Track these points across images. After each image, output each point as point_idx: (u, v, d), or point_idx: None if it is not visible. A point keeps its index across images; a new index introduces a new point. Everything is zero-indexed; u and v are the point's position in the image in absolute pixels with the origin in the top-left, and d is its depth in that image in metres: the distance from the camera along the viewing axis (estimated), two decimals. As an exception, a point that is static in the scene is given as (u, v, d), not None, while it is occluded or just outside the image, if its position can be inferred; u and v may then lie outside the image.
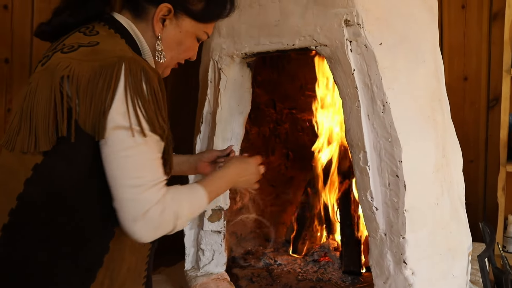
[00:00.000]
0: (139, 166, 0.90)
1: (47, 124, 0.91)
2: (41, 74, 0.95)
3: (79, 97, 0.89)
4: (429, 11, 1.61)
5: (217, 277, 1.73)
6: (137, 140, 0.89)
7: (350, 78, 1.37)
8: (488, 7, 2.21)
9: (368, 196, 1.39)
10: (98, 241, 0.96)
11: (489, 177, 2.24)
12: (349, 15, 1.35)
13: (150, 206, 0.90)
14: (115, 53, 0.92)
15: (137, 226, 0.90)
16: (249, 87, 1.74)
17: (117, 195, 0.90)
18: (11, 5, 1.89)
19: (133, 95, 0.89)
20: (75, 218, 0.93)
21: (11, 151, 0.96)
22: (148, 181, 0.91)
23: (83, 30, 1.00)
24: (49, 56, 0.98)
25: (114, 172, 0.89)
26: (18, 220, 0.93)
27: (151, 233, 0.93)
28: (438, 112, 1.52)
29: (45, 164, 0.92)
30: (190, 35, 1.10)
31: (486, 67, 2.23)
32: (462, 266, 1.55)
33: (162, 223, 0.93)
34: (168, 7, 1.04)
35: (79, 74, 0.89)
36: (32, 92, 0.94)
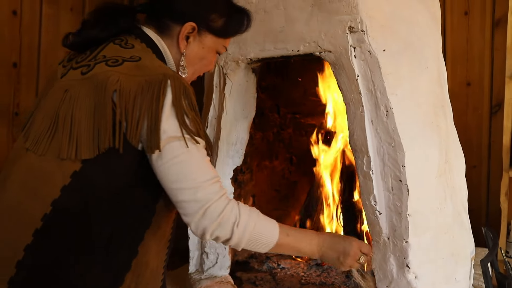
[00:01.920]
0: (193, 170, 0.97)
1: (92, 133, 0.94)
2: (83, 83, 0.97)
3: (127, 111, 0.93)
4: (432, 18, 1.63)
5: (221, 280, 1.74)
6: (189, 147, 0.96)
7: (354, 83, 1.39)
8: (491, 13, 2.22)
9: (371, 200, 1.40)
10: (128, 246, 0.99)
11: (492, 183, 2.24)
12: (353, 22, 1.37)
13: (211, 203, 0.97)
14: (157, 69, 0.98)
15: (200, 222, 0.97)
16: (254, 92, 1.76)
17: (177, 198, 0.97)
18: (20, 11, 1.92)
19: (179, 108, 0.95)
20: (109, 225, 0.97)
21: (41, 155, 0.96)
22: (204, 181, 0.97)
23: (118, 42, 1.05)
24: (91, 65, 1.00)
25: (171, 178, 0.96)
26: (51, 225, 0.94)
27: (213, 230, 0.98)
28: (441, 118, 1.54)
29: (84, 172, 0.95)
30: (211, 50, 1.18)
31: (489, 73, 2.24)
32: (465, 271, 1.55)
33: (222, 221, 0.97)
34: (193, 25, 1.12)
35: (127, 89, 0.94)
36: (73, 99, 0.96)
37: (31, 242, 0.93)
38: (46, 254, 0.94)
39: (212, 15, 1.15)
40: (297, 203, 2.25)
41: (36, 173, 0.98)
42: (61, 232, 0.94)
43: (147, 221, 1.01)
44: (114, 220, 0.97)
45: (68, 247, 0.94)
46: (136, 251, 1.00)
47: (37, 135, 0.99)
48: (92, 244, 0.95)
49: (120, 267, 0.99)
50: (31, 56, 1.96)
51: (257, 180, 2.12)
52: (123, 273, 0.99)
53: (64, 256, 0.94)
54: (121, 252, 0.99)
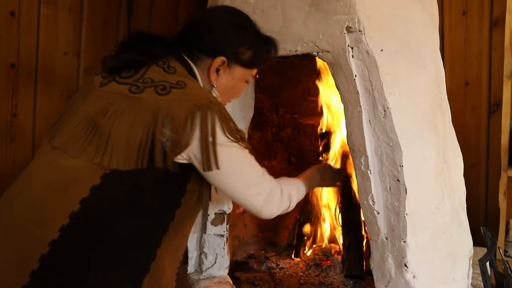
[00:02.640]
0: (250, 170, 1.16)
1: (132, 148, 0.99)
2: (131, 101, 1.03)
3: (177, 132, 1.01)
4: (430, 18, 1.63)
5: (219, 280, 1.74)
6: (241, 153, 1.11)
7: (351, 83, 1.39)
8: (488, 13, 2.23)
9: (369, 200, 1.40)
10: (147, 249, 1.04)
11: (491, 182, 2.25)
12: (351, 21, 1.37)
13: (272, 191, 1.21)
14: (201, 95, 1.07)
15: (267, 210, 1.21)
16: (252, 92, 1.76)
17: (241, 199, 1.18)
18: (18, 11, 1.92)
19: (226, 127, 1.06)
20: (131, 226, 1.01)
21: (73, 157, 1.01)
22: (260, 175, 1.18)
23: (161, 65, 1.12)
24: (140, 87, 1.05)
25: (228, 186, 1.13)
26: (78, 223, 0.97)
27: (277, 211, 1.24)
28: (439, 118, 1.54)
29: (114, 175, 1.00)
30: (241, 80, 1.27)
31: (487, 73, 2.25)
32: (463, 270, 1.56)
33: (282, 204, 1.25)
34: (223, 59, 1.19)
35: (178, 113, 1.01)
36: (117, 114, 1.02)
37: (57, 238, 0.95)
38: (70, 250, 0.96)
39: (241, 49, 1.21)
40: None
41: (64, 172, 1.02)
42: (86, 229, 0.98)
43: (165, 227, 1.06)
44: (136, 222, 1.02)
45: (91, 244, 0.97)
46: (154, 254, 1.05)
47: (70, 137, 1.04)
48: (115, 244, 0.99)
49: (139, 270, 1.03)
50: (29, 57, 1.96)
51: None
52: (142, 276, 1.03)
53: (88, 253, 0.97)
54: (141, 254, 1.03)
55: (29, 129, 1.99)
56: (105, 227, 0.98)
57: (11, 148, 1.94)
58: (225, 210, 1.77)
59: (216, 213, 1.76)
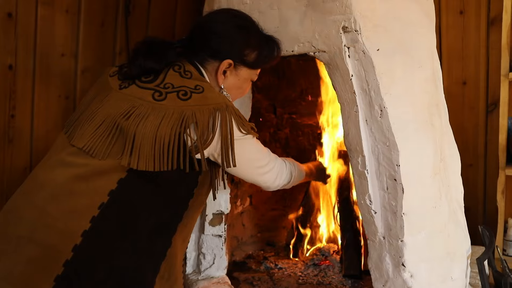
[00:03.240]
0: (261, 154, 1.31)
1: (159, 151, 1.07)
2: (155, 107, 1.10)
3: (203, 133, 1.10)
4: (426, 17, 1.63)
5: (218, 280, 1.74)
6: (253, 141, 1.24)
7: (348, 83, 1.39)
8: (485, 12, 2.23)
9: (366, 199, 1.40)
10: (166, 237, 1.15)
11: (489, 181, 2.24)
12: (347, 21, 1.37)
13: (279, 168, 1.39)
14: (219, 99, 1.16)
15: (277, 183, 1.41)
16: (249, 92, 1.77)
17: (257, 181, 1.35)
18: (15, 13, 1.91)
19: (240, 124, 1.17)
20: (153, 215, 1.11)
21: (98, 157, 1.07)
22: (267, 156, 1.34)
23: (177, 70, 1.20)
24: (162, 93, 1.13)
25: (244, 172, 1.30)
26: (107, 214, 1.05)
27: (283, 184, 1.44)
28: (436, 117, 1.54)
29: (139, 171, 1.07)
30: (246, 80, 1.34)
31: (484, 72, 2.25)
32: (461, 269, 1.56)
33: (287, 176, 1.44)
34: (230, 62, 1.26)
35: (202, 118, 1.11)
36: (141, 118, 1.09)
37: (88, 228, 1.02)
38: (102, 240, 1.04)
39: (246, 50, 1.28)
40: (294, 203, 2.25)
41: (91, 169, 1.07)
42: (114, 220, 1.05)
43: (180, 216, 1.17)
44: (156, 211, 1.11)
45: (118, 234, 1.06)
46: (170, 241, 1.16)
47: (93, 137, 1.09)
48: (140, 233, 1.08)
49: (158, 256, 1.13)
50: (26, 58, 1.95)
51: (254, 181, 2.12)
52: (160, 262, 1.14)
53: (117, 243, 1.05)
54: (160, 241, 1.13)
55: (27, 130, 1.98)
56: (132, 218, 1.07)
57: (8, 149, 1.93)
58: (223, 210, 1.77)
59: (214, 213, 1.76)
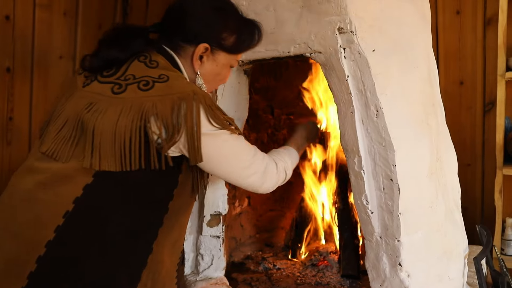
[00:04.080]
0: (243, 152, 1.16)
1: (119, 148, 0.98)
2: (113, 101, 1.02)
3: (166, 128, 1.00)
4: (422, 18, 1.64)
5: (216, 281, 1.74)
6: (231, 138, 1.10)
7: (344, 84, 1.40)
8: (482, 12, 2.24)
9: (363, 199, 1.41)
10: (144, 243, 1.04)
11: (486, 180, 2.25)
12: (342, 22, 1.37)
13: (267, 168, 1.22)
14: (186, 87, 1.05)
15: (266, 187, 1.24)
16: (246, 93, 1.77)
17: (238, 182, 1.18)
18: (12, 15, 1.92)
19: (211, 115, 1.05)
20: (126, 221, 1.01)
21: (63, 161, 1.01)
22: (253, 155, 1.18)
23: (143, 60, 1.09)
24: (122, 85, 1.04)
25: (223, 170, 1.14)
26: (73, 223, 0.97)
27: (274, 185, 1.28)
28: (432, 117, 1.54)
29: (106, 173, 0.99)
30: (225, 66, 1.24)
31: (481, 72, 2.26)
32: (458, 269, 1.56)
33: (279, 176, 1.28)
34: (206, 46, 1.16)
35: (163, 109, 1.00)
36: (98, 113, 1.01)
37: (53, 238, 0.96)
38: (66, 250, 0.97)
39: (224, 34, 1.18)
40: (292, 203, 2.25)
41: (56, 174, 1.01)
42: (81, 229, 0.98)
43: (159, 220, 1.06)
44: (131, 217, 1.02)
45: (87, 243, 0.97)
46: (151, 248, 1.05)
47: (56, 140, 1.03)
48: (110, 240, 0.99)
49: (137, 264, 1.03)
50: (24, 61, 1.96)
51: (252, 181, 2.12)
52: (139, 270, 1.03)
53: (84, 252, 0.97)
54: (137, 248, 1.03)
55: (25, 132, 1.99)
56: (100, 225, 0.98)
57: (7, 151, 1.94)
58: (220, 211, 1.77)
59: (211, 214, 1.76)
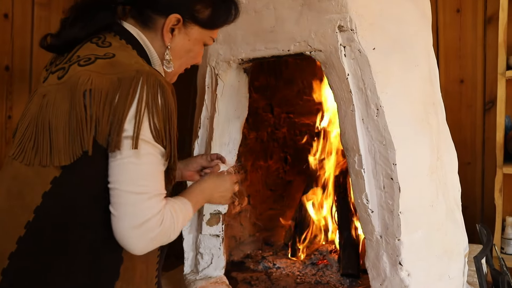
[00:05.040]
0: (145, 175, 0.92)
1: (68, 138, 0.91)
2: (58, 87, 0.95)
3: (99, 111, 0.89)
4: (422, 16, 1.63)
5: (216, 280, 1.74)
6: (145, 150, 0.91)
7: (344, 82, 1.39)
8: (482, 11, 2.23)
9: (363, 198, 1.40)
10: (111, 253, 0.96)
11: (486, 179, 2.25)
12: (343, 20, 1.37)
13: (151, 216, 0.91)
14: (132, 66, 0.94)
15: (135, 234, 0.90)
16: (246, 92, 1.76)
17: (119, 200, 0.90)
18: (11, 14, 1.92)
19: (148, 108, 0.91)
20: (89, 231, 0.93)
21: (26, 164, 0.95)
22: (152, 190, 0.92)
23: (95, 41, 1.01)
24: (65, 68, 0.96)
25: (119, 177, 0.90)
26: (34, 233, 0.92)
27: (147, 244, 0.93)
28: (432, 115, 1.54)
29: (63, 177, 0.92)
30: (198, 42, 1.12)
31: (481, 70, 2.25)
32: (458, 268, 1.56)
33: (159, 234, 0.93)
34: (177, 17, 1.06)
35: (99, 88, 0.90)
36: (50, 105, 0.93)
37: (15, 250, 0.91)
38: (29, 262, 0.91)
39: (198, 6, 1.08)
40: (293, 202, 2.25)
41: (20, 181, 0.96)
42: (44, 239, 0.92)
43: None
44: (93, 225, 0.93)
45: (50, 254, 0.92)
46: (121, 257, 0.97)
47: (22, 143, 0.97)
48: (74, 252, 0.92)
49: (108, 275, 0.96)
50: (23, 59, 1.96)
51: (251, 180, 2.12)
52: (112, 281, 0.96)
53: (47, 264, 0.91)
54: (106, 259, 0.95)
55: (24, 131, 1.98)
56: (62, 235, 0.92)
57: (6, 150, 1.93)
58: (220, 210, 1.77)
59: (211, 213, 1.76)
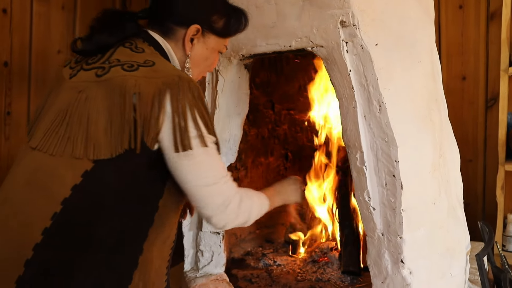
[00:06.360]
0: (214, 166, 1.04)
1: (110, 135, 0.97)
2: (99, 85, 1.00)
3: (146, 112, 0.97)
4: (425, 12, 1.62)
5: (216, 278, 1.73)
6: (208, 146, 1.02)
7: (346, 78, 1.38)
8: (485, 7, 2.22)
9: (365, 196, 1.39)
10: (134, 244, 1.02)
11: (488, 176, 2.24)
12: (345, 16, 1.35)
13: (230, 198, 1.06)
14: (172, 72, 1.03)
15: (221, 218, 1.06)
16: (246, 88, 1.75)
17: (198, 195, 1.03)
18: (10, 9, 1.90)
19: (196, 108, 1.01)
20: (116, 223, 0.98)
21: (53, 155, 0.98)
22: (222, 177, 1.05)
23: (128, 46, 1.09)
24: (105, 68, 1.03)
25: (192, 175, 1.01)
26: (61, 224, 0.95)
27: (232, 221, 1.09)
28: (435, 112, 1.53)
29: (95, 171, 0.97)
30: (214, 50, 1.24)
31: (484, 67, 2.24)
32: (460, 265, 1.55)
33: (240, 213, 1.09)
34: (197, 27, 1.16)
35: (146, 91, 0.97)
36: (90, 100, 0.99)
37: (40, 241, 0.94)
38: (54, 253, 0.95)
39: (214, 17, 1.19)
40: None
41: (45, 172, 0.99)
42: (70, 230, 0.96)
43: (150, 219, 1.04)
44: (120, 218, 0.99)
45: (77, 245, 0.95)
46: (141, 248, 1.02)
47: (47, 134, 1.01)
48: (100, 242, 0.97)
49: (127, 265, 1.01)
50: (22, 55, 1.94)
51: (252, 177, 2.11)
52: (131, 271, 1.01)
53: (72, 255, 0.95)
54: (128, 249, 1.01)
55: (23, 127, 1.97)
56: (89, 227, 0.96)
57: (5, 147, 1.92)
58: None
59: (212, 210, 1.75)
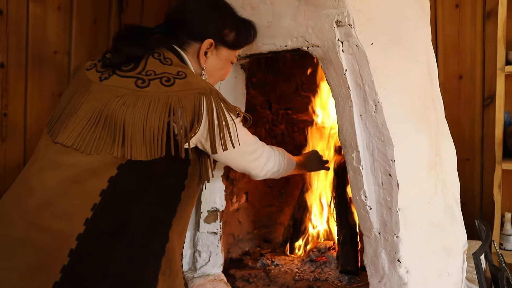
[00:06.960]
0: (249, 141, 1.33)
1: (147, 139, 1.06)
2: (138, 94, 1.09)
3: (192, 121, 1.10)
4: (421, 11, 1.62)
5: (213, 278, 1.73)
6: (239, 126, 1.24)
7: (342, 78, 1.38)
8: (481, 5, 2.22)
9: (361, 195, 1.39)
10: (161, 233, 1.14)
11: (485, 175, 2.24)
12: (340, 15, 1.35)
13: (266, 154, 1.40)
14: (201, 83, 1.15)
15: (266, 169, 1.42)
16: (243, 88, 1.75)
17: (242, 167, 1.36)
18: (6, 10, 1.90)
19: (227, 108, 1.18)
20: (147, 212, 1.09)
21: (89, 153, 1.05)
22: (254, 143, 1.36)
23: (157, 57, 1.19)
24: (145, 80, 1.12)
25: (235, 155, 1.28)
26: (100, 214, 1.03)
27: (270, 170, 1.44)
28: (431, 111, 1.53)
29: (129, 165, 1.06)
30: (227, 61, 1.36)
31: (480, 65, 2.24)
32: (457, 264, 1.55)
33: (275, 164, 1.45)
34: (211, 41, 1.28)
35: (187, 103, 1.10)
36: (128, 107, 1.08)
37: (83, 231, 1.00)
38: (97, 242, 1.02)
39: (225, 30, 1.30)
40: (291, 199, 2.24)
41: (80, 167, 1.05)
42: (109, 220, 1.04)
43: (173, 210, 1.15)
44: (150, 207, 1.09)
45: (113, 235, 1.04)
46: (167, 237, 1.14)
47: (81, 133, 1.07)
48: (135, 231, 1.06)
49: (157, 252, 1.12)
50: (18, 56, 1.94)
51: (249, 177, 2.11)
52: (160, 258, 1.12)
53: (110, 244, 1.03)
54: (157, 237, 1.12)
55: (20, 128, 1.97)
56: (125, 216, 1.05)
57: (2, 148, 1.92)
58: (218, 207, 1.76)
59: (209, 210, 1.75)
